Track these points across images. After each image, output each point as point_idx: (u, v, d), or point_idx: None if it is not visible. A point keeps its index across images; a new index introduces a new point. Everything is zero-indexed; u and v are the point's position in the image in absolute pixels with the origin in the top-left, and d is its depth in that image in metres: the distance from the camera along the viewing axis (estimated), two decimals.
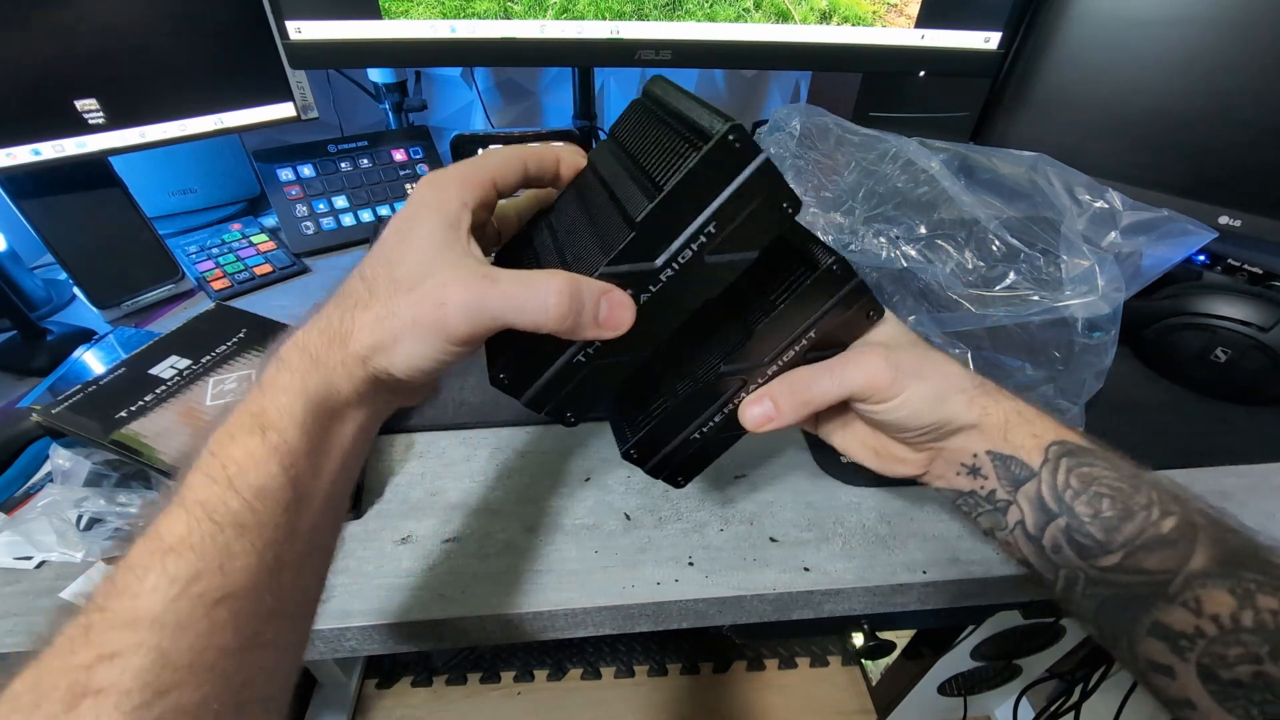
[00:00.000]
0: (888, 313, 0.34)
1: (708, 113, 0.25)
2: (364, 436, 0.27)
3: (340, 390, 0.25)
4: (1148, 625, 0.27)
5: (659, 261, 0.26)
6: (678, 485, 0.35)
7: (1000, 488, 0.32)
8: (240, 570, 0.21)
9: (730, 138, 0.24)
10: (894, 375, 0.30)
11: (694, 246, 0.26)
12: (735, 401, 0.32)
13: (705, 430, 0.33)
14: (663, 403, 0.32)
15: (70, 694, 0.18)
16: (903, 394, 0.30)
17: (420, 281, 0.24)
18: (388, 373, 0.25)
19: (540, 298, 0.24)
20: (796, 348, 0.31)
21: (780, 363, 0.31)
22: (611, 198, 0.28)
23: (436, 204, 0.26)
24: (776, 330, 0.31)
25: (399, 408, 0.30)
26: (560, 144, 0.32)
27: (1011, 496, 0.31)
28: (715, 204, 0.25)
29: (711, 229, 0.26)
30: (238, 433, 0.23)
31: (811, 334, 0.31)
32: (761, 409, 0.31)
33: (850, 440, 0.36)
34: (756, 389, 0.32)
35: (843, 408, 0.34)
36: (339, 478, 0.26)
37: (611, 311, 0.26)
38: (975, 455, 0.32)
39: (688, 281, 0.27)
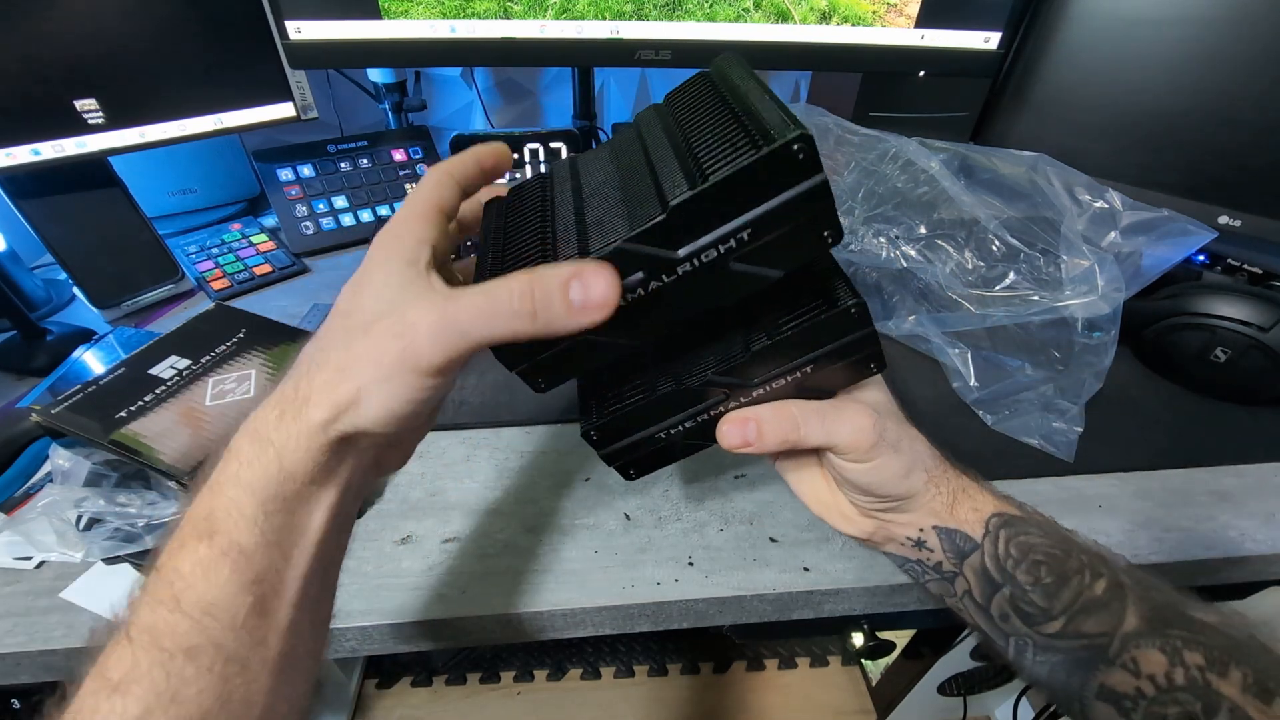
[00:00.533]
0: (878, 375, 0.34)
1: (779, 112, 0.23)
2: (339, 519, 0.24)
3: (297, 471, 0.22)
4: (1095, 689, 0.28)
5: (681, 253, 0.24)
6: (629, 478, 0.34)
7: (946, 560, 0.33)
8: (196, 698, 0.19)
9: (796, 147, 0.22)
10: (876, 440, 0.30)
11: (721, 248, 0.24)
12: (712, 413, 0.31)
13: (674, 432, 0.32)
14: (639, 394, 0.31)
15: None
16: (878, 460, 0.31)
17: (376, 321, 0.22)
18: (359, 431, 0.22)
19: (503, 303, 0.22)
20: (789, 378, 0.30)
21: (769, 388, 0.30)
22: (649, 165, 0.26)
23: (390, 248, 0.24)
24: (776, 356, 0.29)
25: (386, 473, 0.28)
26: (479, 145, 0.30)
27: (957, 568, 0.32)
28: (758, 211, 0.23)
29: (745, 235, 0.24)
30: (186, 539, 0.21)
31: (809, 369, 0.30)
32: (743, 433, 0.30)
33: (803, 484, 0.36)
34: (738, 407, 0.31)
35: (809, 452, 0.34)
36: (313, 571, 0.23)
37: (587, 293, 0.22)
38: (922, 530, 0.33)
39: (703, 282, 0.25)
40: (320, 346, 0.23)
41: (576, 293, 0.22)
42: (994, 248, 0.50)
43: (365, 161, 0.78)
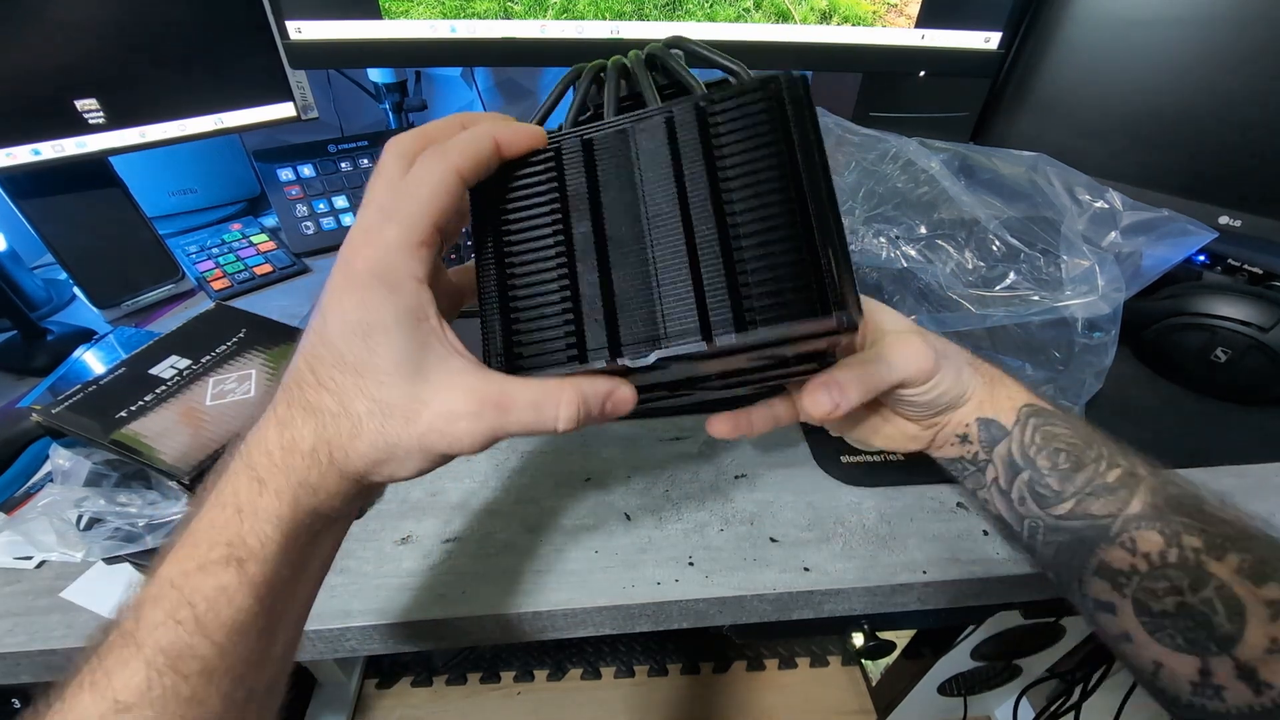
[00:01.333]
0: (896, 314, 0.35)
1: (840, 268, 0.20)
2: (338, 543, 0.26)
3: (327, 513, 0.22)
4: (1094, 566, 0.30)
5: (712, 366, 0.24)
6: None
7: (981, 450, 0.35)
8: (201, 718, 0.20)
9: (847, 323, 0.20)
10: (935, 359, 0.32)
11: (747, 363, 0.24)
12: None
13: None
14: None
15: None
16: (940, 373, 0.33)
17: (416, 409, 0.21)
18: (390, 479, 0.23)
19: (549, 420, 0.22)
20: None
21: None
22: (686, 231, 0.22)
23: (385, 288, 0.21)
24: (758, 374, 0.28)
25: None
26: (489, 122, 0.24)
27: (989, 456, 0.35)
28: (790, 352, 0.24)
29: (769, 358, 0.24)
30: (209, 563, 0.20)
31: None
32: (830, 398, 0.29)
33: (861, 430, 0.38)
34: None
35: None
36: (312, 595, 0.25)
37: (616, 407, 0.24)
38: (968, 425, 0.35)
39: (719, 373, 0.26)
40: (339, 401, 0.21)
41: (609, 406, 0.24)
42: (994, 248, 0.50)
43: (365, 161, 0.78)
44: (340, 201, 0.75)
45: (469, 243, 0.65)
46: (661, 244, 0.23)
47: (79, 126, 0.56)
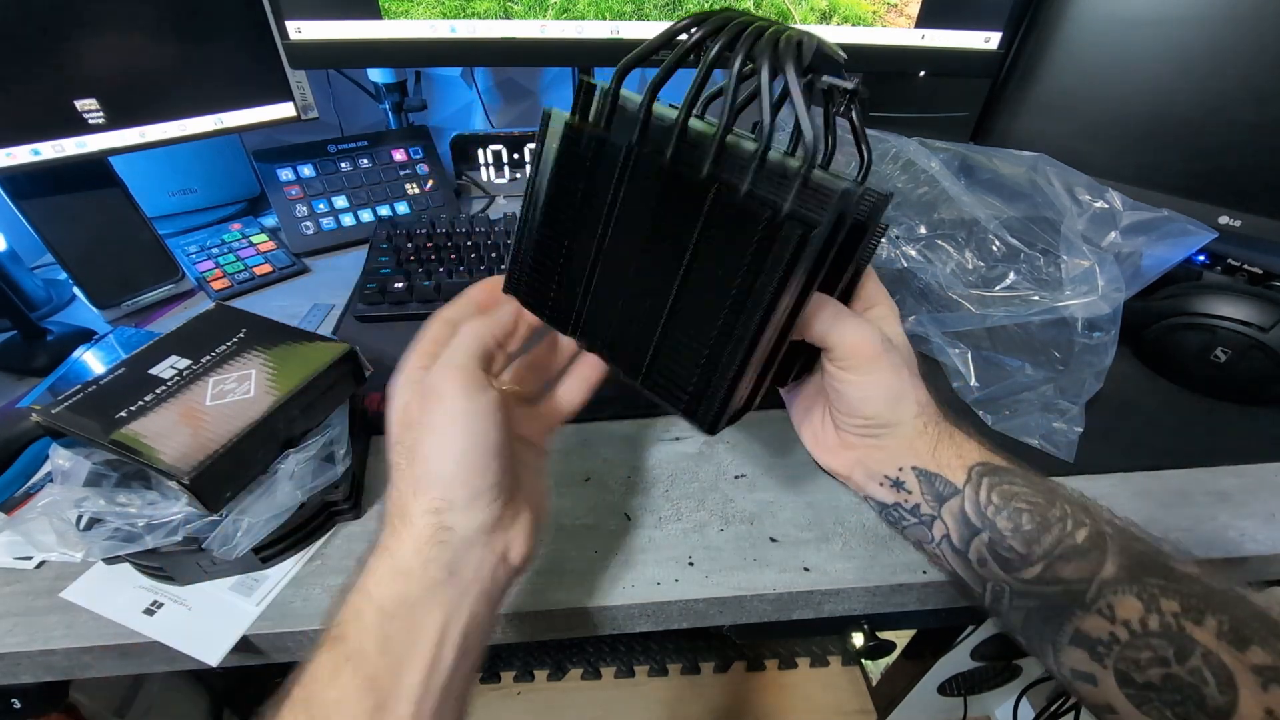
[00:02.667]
0: (896, 316, 0.35)
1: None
2: (456, 629, 0.26)
3: (409, 567, 0.25)
4: (1069, 634, 0.28)
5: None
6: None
7: (924, 502, 0.33)
8: None
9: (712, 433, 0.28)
10: (877, 355, 0.31)
11: None
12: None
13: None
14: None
15: None
16: (874, 375, 0.32)
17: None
18: (451, 511, 0.26)
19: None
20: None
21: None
22: (652, 292, 0.26)
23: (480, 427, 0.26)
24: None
25: None
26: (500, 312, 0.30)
27: (936, 511, 0.33)
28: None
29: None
30: (321, 644, 0.24)
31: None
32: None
33: (801, 415, 0.39)
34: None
35: (817, 388, 0.37)
36: (430, 680, 0.24)
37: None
38: (900, 469, 0.34)
39: None
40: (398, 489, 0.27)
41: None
42: (994, 248, 0.50)
43: (365, 161, 0.78)
44: (340, 201, 0.75)
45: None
46: (637, 282, 0.27)
47: (79, 126, 0.56)
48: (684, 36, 0.24)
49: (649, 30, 0.62)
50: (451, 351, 0.27)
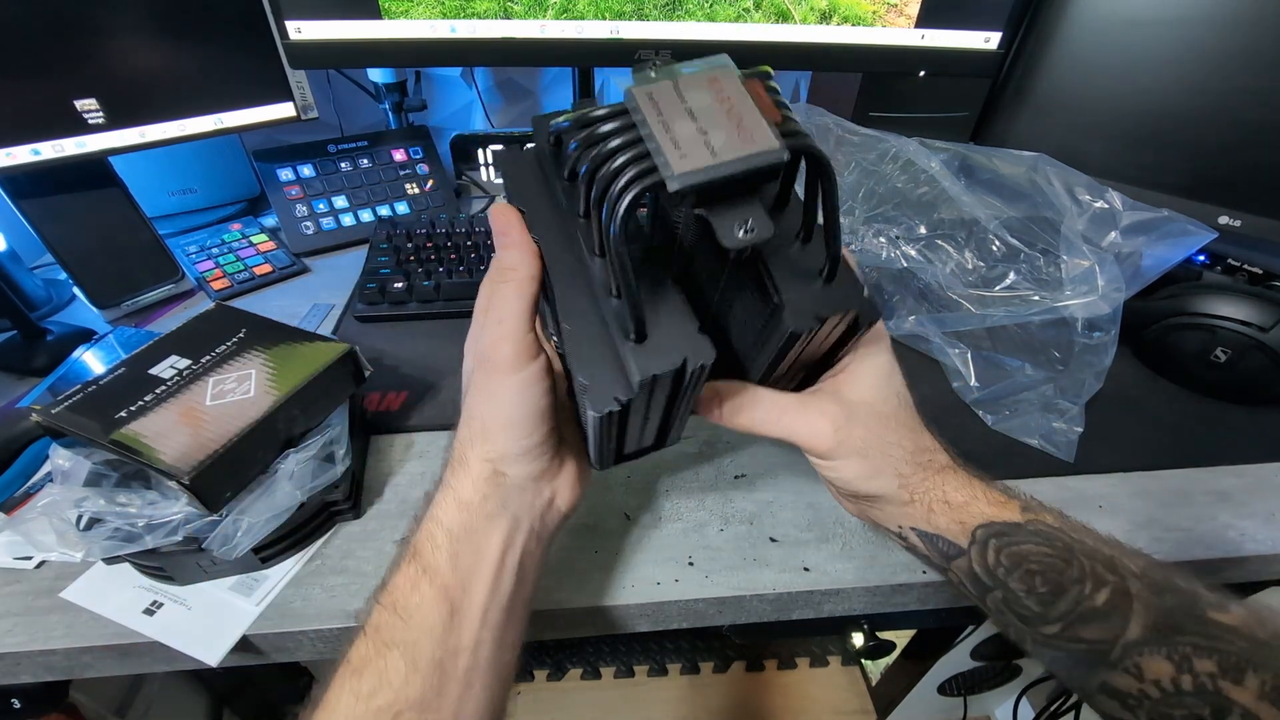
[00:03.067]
0: (881, 359, 0.32)
1: None
2: (514, 551, 0.29)
3: (470, 501, 0.29)
4: (1097, 685, 0.28)
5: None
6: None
7: (931, 556, 0.33)
8: (404, 684, 0.25)
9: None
10: (834, 445, 0.31)
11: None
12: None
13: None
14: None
15: None
16: (835, 461, 0.31)
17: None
18: (501, 456, 0.29)
19: None
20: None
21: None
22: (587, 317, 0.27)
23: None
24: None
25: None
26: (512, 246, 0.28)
27: (945, 565, 0.32)
28: None
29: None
30: (400, 562, 0.28)
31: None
32: (710, 407, 0.31)
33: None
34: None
35: None
36: (493, 592, 0.28)
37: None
38: (900, 527, 0.33)
39: None
40: (459, 437, 0.30)
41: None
42: (994, 248, 0.50)
43: (365, 161, 0.78)
44: (340, 201, 0.75)
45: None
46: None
47: (79, 126, 0.56)
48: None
49: (649, 30, 0.62)
50: (499, 314, 0.28)
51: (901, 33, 0.64)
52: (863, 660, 1.10)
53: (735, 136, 0.22)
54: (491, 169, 0.86)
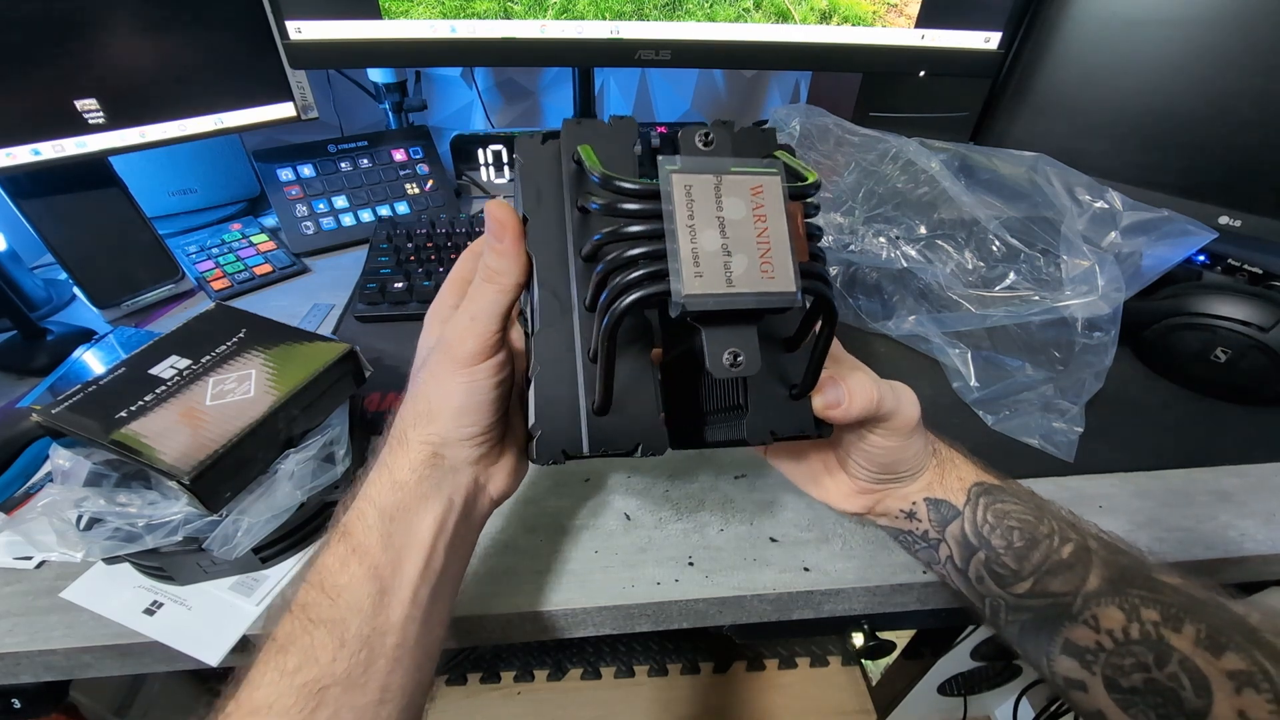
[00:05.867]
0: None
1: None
2: (445, 534, 0.29)
3: (404, 480, 0.28)
4: (1060, 644, 0.30)
5: None
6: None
7: (931, 528, 0.35)
8: (331, 661, 0.25)
9: None
10: (919, 420, 0.33)
11: None
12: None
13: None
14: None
15: None
16: (915, 434, 0.33)
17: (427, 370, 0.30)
18: (441, 440, 0.29)
19: None
20: None
21: None
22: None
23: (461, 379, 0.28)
24: None
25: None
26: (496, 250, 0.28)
27: (941, 535, 0.35)
28: None
29: None
30: (330, 540, 0.28)
31: None
32: (836, 394, 0.29)
33: (799, 471, 0.38)
34: None
35: (808, 445, 0.37)
36: (423, 574, 0.28)
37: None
38: (914, 502, 0.35)
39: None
40: (402, 414, 0.30)
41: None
42: (994, 248, 0.50)
43: (365, 161, 0.78)
44: (340, 201, 0.75)
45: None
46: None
47: (79, 126, 0.56)
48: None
49: (649, 30, 0.62)
50: (474, 309, 0.28)
51: (901, 33, 0.64)
52: (863, 660, 1.10)
53: (756, 268, 0.21)
54: (491, 169, 0.86)
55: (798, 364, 0.29)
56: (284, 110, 0.66)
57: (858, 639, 0.70)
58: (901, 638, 0.84)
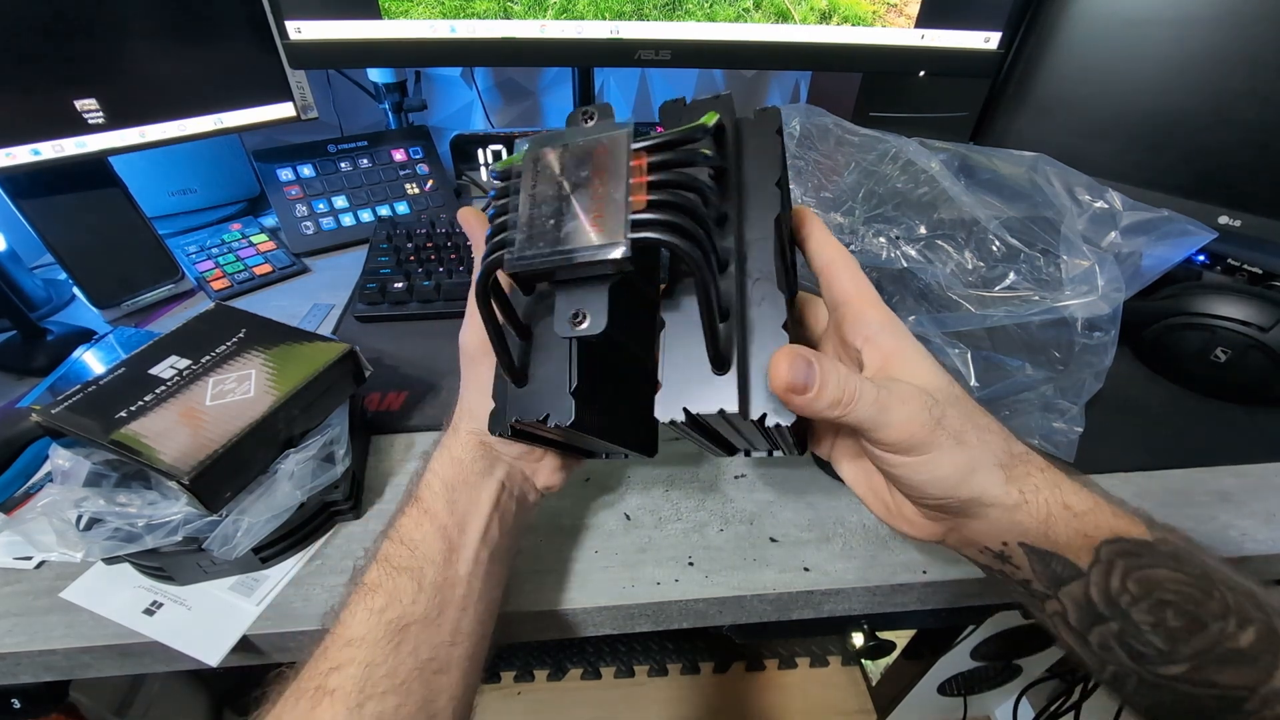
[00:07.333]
0: (927, 357, 0.28)
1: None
2: (500, 508, 0.33)
3: (462, 459, 0.33)
4: None
5: None
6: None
7: (1036, 580, 0.27)
8: (412, 603, 0.28)
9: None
10: (932, 429, 0.25)
11: None
12: None
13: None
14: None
15: (316, 694, 0.26)
16: (932, 454, 0.25)
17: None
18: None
19: None
20: None
21: None
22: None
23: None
24: None
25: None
26: None
27: (1051, 592, 0.27)
28: None
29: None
30: (404, 506, 0.32)
31: None
32: (806, 373, 0.24)
33: (860, 477, 0.32)
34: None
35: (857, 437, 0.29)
36: (483, 537, 0.32)
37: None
38: (1005, 544, 0.27)
39: None
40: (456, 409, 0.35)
41: None
42: (994, 248, 0.50)
43: (365, 161, 0.78)
44: (340, 201, 0.75)
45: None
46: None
47: (79, 126, 0.56)
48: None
49: (649, 30, 0.62)
50: (471, 308, 0.31)
51: (901, 33, 0.64)
52: (863, 660, 1.10)
53: (586, 225, 0.22)
54: (491, 169, 0.86)
55: (766, 339, 0.25)
56: (284, 110, 0.66)
57: (858, 639, 0.69)
58: (901, 638, 0.84)
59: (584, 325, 0.23)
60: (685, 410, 0.25)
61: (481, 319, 0.26)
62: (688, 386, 0.25)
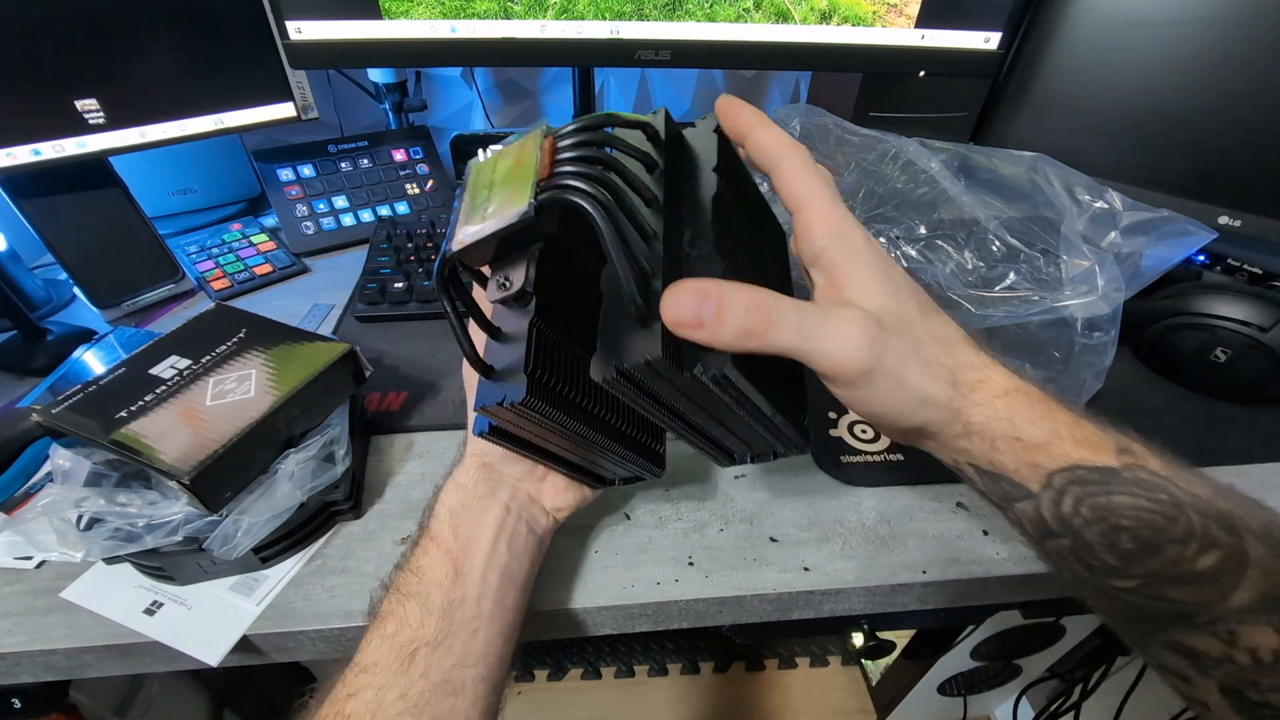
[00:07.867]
0: (878, 271, 0.25)
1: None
2: (505, 531, 0.33)
3: (465, 484, 0.34)
4: (1164, 639, 0.24)
5: None
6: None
7: (990, 494, 0.28)
8: (420, 625, 0.29)
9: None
10: (868, 366, 0.24)
11: None
12: None
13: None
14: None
15: None
16: (866, 389, 0.24)
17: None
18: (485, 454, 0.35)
19: None
20: None
21: None
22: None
23: None
24: None
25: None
26: None
27: (1003, 506, 0.27)
28: None
29: None
30: (418, 538, 0.33)
31: None
32: (697, 309, 0.21)
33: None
34: None
35: None
36: (489, 561, 0.32)
37: None
38: (955, 462, 0.28)
39: None
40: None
41: None
42: (994, 248, 0.50)
43: (365, 161, 0.78)
44: (340, 201, 0.75)
45: None
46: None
47: (79, 126, 0.56)
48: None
49: (649, 30, 0.62)
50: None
51: (901, 33, 0.64)
52: (863, 660, 1.10)
53: (505, 202, 0.24)
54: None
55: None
56: (284, 110, 0.66)
57: (858, 639, 0.69)
58: (901, 638, 0.84)
59: (510, 288, 0.25)
60: (616, 368, 0.23)
61: (450, 316, 0.27)
62: (617, 343, 0.24)
